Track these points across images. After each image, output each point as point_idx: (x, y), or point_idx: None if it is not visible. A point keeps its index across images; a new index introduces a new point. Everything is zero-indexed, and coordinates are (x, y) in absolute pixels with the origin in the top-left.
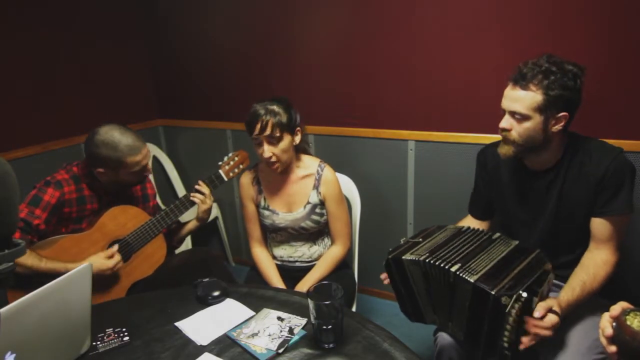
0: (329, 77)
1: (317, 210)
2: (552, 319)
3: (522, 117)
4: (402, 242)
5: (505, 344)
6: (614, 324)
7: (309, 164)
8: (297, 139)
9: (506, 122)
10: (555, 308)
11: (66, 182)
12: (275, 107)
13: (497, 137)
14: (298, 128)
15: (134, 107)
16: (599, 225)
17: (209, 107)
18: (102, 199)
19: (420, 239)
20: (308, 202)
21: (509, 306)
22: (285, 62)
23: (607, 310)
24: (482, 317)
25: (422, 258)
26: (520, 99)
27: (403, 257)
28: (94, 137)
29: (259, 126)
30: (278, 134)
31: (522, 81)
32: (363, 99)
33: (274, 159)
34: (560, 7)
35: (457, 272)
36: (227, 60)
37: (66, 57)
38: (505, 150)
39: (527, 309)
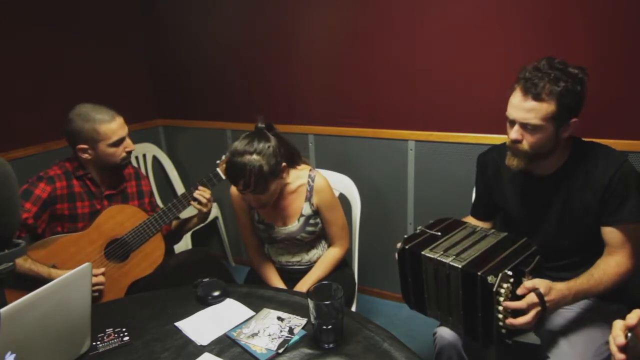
0: (329, 77)
1: (311, 221)
2: (529, 298)
3: (534, 128)
4: (418, 230)
5: (503, 330)
6: (629, 334)
7: (299, 174)
8: (285, 175)
9: (517, 133)
10: (542, 288)
11: (58, 177)
12: (254, 157)
13: (497, 137)
14: (284, 165)
15: (134, 107)
16: (610, 234)
17: (208, 107)
18: (92, 195)
19: (439, 233)
20: (301, 215)
21: (496, 285)
22: (286, 61)
23: (615, 316)
24: (474, 303)
25: (436, 256)
26: (534, 110)
27: (422, 253)
28: (67, 115)
29: (241, 183)
30: (262, 186)
31: (533, 90)
32: (363, 99)
33: (261, 204)
34: (560, 7)
35: (450, 263)
36: (227, 60)
37: (66, 57)
38: (516, 162)
39: (515, 288)
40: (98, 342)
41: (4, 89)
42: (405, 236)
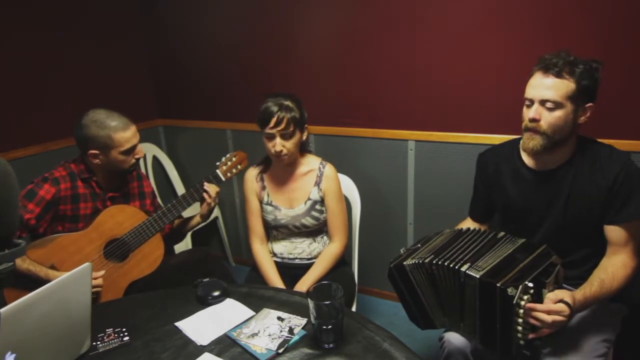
0: (329, 77)
1: (317, 207)
2: (560, 306)
3: (554, 106)
4: (401, 251)
5: (521, 341)
6: None
7: (311, 161)
8: (305, 135)
9: (536, 112)
10: (567, 299)
11: (63, 178)
12: (289, 103)
13: (497, 137)
14: (306, 125)
15: (134, 107)
16: (614, 233)
17: (209, 107)
18: (96, 197)
19: (419, 245)
20: (309, 199)
21: (516, 297)
22: (285, 61)
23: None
24: (492, 314)
25: (427, 260)
26: (555, 87)
27: (404, 263)
28: (81, 120)
29: (274, 120)
30: (292, 129)
31: (554, 68)
32: (363, 99)
33: (285, 152)
34: (560, 7)
35: (466, 271)
36: (227, 60)
37: (66, 57)
38: (533, 144)
39: (536, 301)
40: (98, 342)
41: (4, 89)
42: (391, 260)
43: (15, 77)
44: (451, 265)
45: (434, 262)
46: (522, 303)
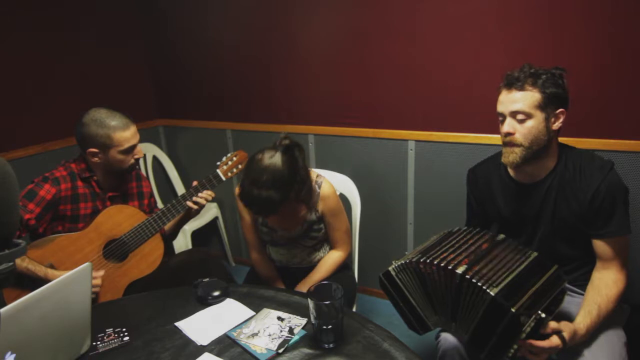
0: (329, 77)
1: (315, 227)
2: (552, 341)
3: (525, 117)
4: (392, 262)
5: (510, 354)
6: None
7: None
8: (300, 191)
9: (509, 125)
10: (566, 334)
11: (63, 179)
12: (268, 192)
13: (497, 137)
14: (298, 186)
15: (134, 107)
16: (601, 247)
17: (209, 107)
18: (96, 196)
19: (406, 253)
20: (305, 221)
21: (526, 325)
22: (285, 61)
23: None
24: (493, 329)
25: (414, 259)
26: (520, 99)
27: (390, 268)
28: (82, 118)
29: (254, 210)
30: (272, 211)
31: (517, 83)
32: (363, 99)
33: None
34: (560, 8)
35: (473, 280)
36: (227, 60)
37: (66, 57)
38: (512, 157)
39: (539, 327)
40: (98, 342)
41: (4, 89)
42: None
43: (16, 77)
44: (442, 265)
45: (421, 260)
46: (528, 330)
